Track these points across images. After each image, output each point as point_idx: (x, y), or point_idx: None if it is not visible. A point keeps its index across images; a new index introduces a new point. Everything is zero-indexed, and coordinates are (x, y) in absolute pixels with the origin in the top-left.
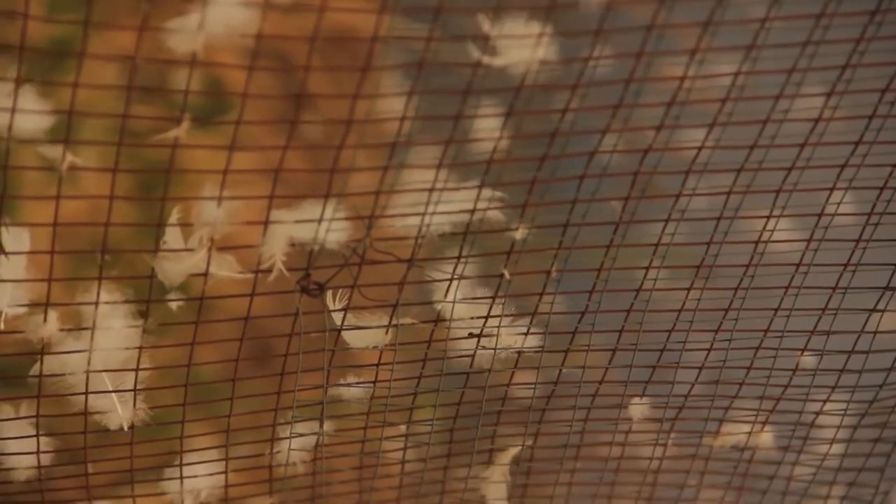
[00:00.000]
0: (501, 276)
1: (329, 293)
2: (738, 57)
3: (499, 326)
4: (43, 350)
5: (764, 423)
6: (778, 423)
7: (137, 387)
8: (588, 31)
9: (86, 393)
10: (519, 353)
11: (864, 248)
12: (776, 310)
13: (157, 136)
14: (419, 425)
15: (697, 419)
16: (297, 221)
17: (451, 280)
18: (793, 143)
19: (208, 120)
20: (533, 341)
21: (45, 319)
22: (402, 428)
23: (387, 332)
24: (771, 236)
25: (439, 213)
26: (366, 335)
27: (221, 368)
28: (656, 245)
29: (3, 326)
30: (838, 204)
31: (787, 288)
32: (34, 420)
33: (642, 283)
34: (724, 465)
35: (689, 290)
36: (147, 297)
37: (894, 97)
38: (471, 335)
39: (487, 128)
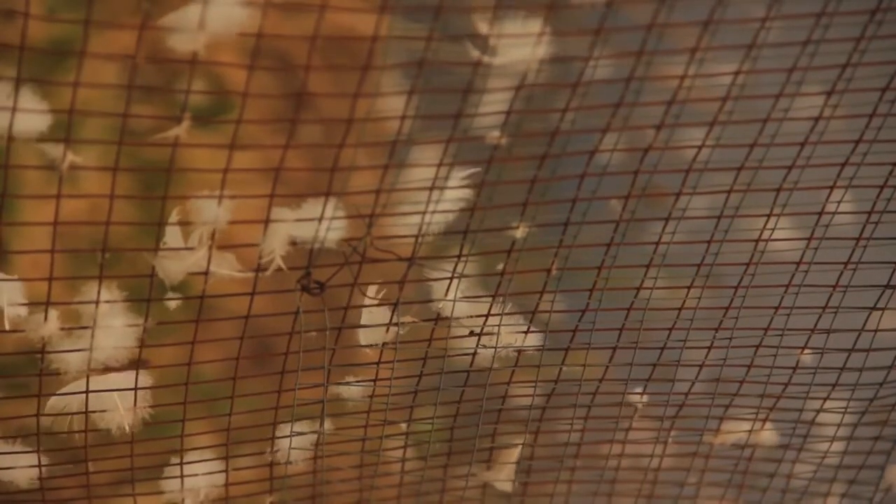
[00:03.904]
0: (501, 273)
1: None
2: (737, 56)
3: (499, 325)
4: (43, 349)
5: (764, 422)
6: (778, 422)
7: (137, 386)
8: (588, 31)
9: (86, 392)
10: (519, 351)
11: (865, 247)
12: (776, 308)
13: (157, 136)
14: (419, 424)
15: (698, 417)
16: (298, 220)
17: (451, 279)
18: (793, 142)
19: (209, 119)
20: (533, 340)
21: (45, 318)
22: (403, 427)
23: (387, 330)
24: (771, 235)
25: (439, 211)
26: (370, 332)
27: (222, 367)
28: (656, 244)
29: (7, 326)
30: (838, 203)
31: (787, 286)
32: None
33: (642, 281)
34: (724, 464)
35: (689, 288)
36: (147, 297)
37: (894, 96)
38: (471, 334)
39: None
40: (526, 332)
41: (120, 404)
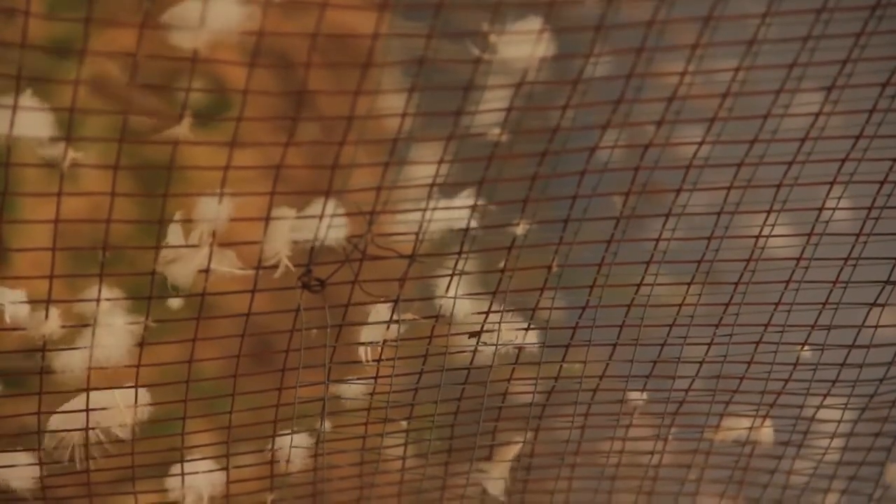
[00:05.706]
0: (502, 270)
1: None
2: (737, 52)
3: (500, 322)
4: (45, 347)
5: (764, 418)
6: (778, 418)
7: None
8: (588, 27)
9: (87, 390)
10: (519, 349)
11: (865, 243)
12: (776, 304)
13: (158, 134)
14: (420, 422)
15: (698, 414)
16: (298, 218)
17: (451, 276)
18: (792, 138)
19: (209, 117)
20: (533, 337)
21: (46, 317)
22: (403, 424)
23: (387, 328)
24: (771, 232)
25: (440, 208)
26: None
27: (222, 366)
28: (656, 240)
29: (9, 321)
30: (838, 199)
31: (787, 283)
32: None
33: (642, 278)
34: (724, 460)
35: (689, 285)
36: (149, 295)
37: (894, 91)
38: (472, 334)
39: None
40: (526, 330)
41: (121, 402)
